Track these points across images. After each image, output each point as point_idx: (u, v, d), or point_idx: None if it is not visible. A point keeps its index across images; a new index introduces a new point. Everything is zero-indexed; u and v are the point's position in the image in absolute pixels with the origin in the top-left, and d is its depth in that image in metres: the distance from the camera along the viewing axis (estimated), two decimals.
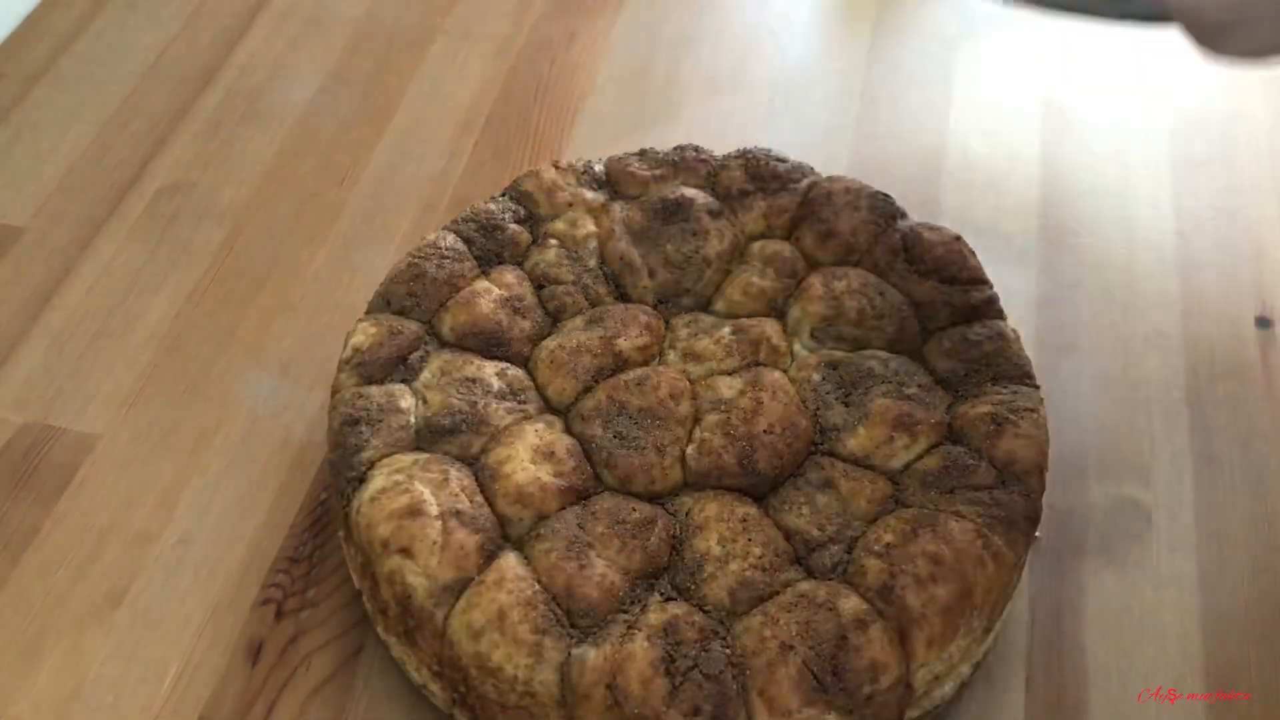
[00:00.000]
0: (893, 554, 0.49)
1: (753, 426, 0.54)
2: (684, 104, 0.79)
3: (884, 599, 0.48)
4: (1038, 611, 0.56)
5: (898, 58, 0.82)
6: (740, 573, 0.49)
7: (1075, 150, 0.76)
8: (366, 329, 0.58)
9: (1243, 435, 0.62)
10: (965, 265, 0.60)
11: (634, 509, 0.52)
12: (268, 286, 0.68)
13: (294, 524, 0.58)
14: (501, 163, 0.75)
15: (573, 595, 0.49)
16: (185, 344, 0.66)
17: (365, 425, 0.54)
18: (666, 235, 0.62)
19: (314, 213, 0.72)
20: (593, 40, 0.83)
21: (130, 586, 0.56)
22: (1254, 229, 0.71)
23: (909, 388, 0.56)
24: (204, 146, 0.76)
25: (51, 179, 0.74)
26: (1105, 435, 0.62)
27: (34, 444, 0.61)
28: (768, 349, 0.58)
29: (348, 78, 0.80)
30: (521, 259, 0.62)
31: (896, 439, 0.54)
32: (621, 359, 0.57)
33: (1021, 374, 0.56)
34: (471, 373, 0.56)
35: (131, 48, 0.82)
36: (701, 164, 0.65)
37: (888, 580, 0.48)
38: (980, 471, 0.52)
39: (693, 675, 0.46)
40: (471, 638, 0.48)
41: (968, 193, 0.73)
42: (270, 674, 0.53)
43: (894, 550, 0.49)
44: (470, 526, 0.50)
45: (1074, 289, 0.69)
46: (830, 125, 0.78)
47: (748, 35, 0.84)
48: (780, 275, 0.61)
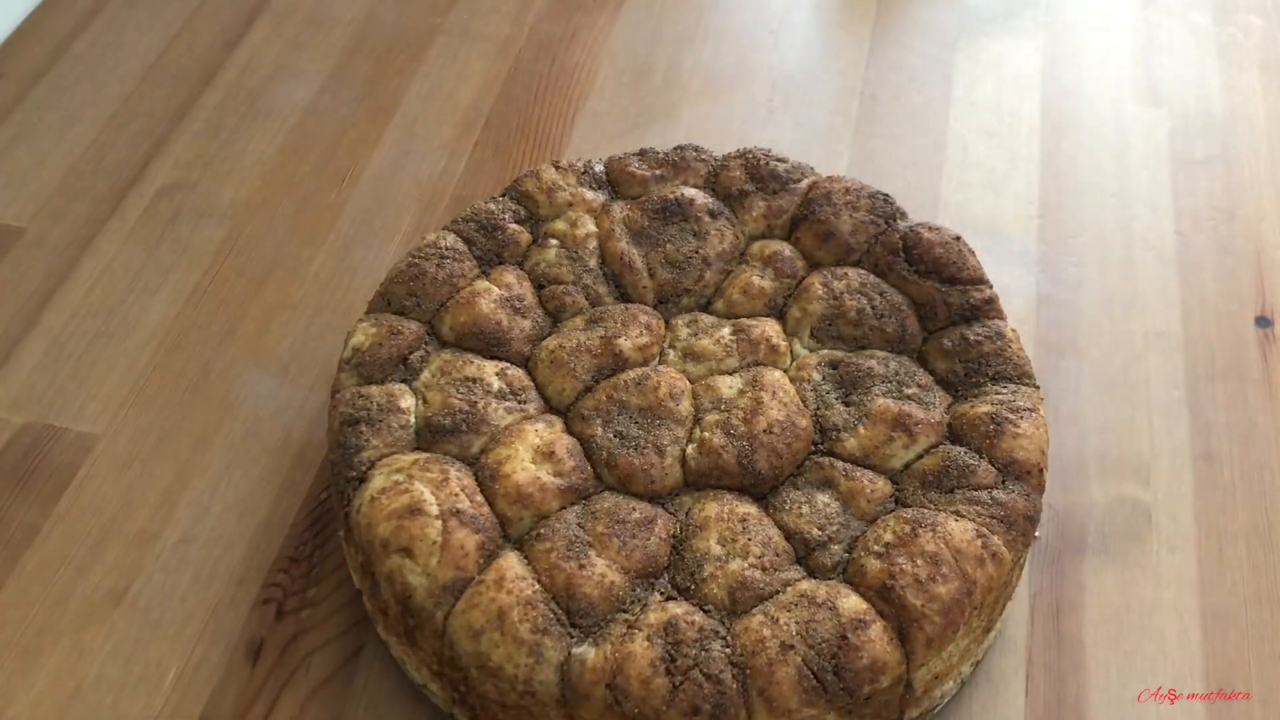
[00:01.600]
0: (893, 554, 0.49)
1: (753, 426, 0.54)
2: (684, 104, 0.79)
3: (884, 599, 0.48)
4: (1037, 611, 0.56)
5: (898, 58, 0.82)
6: (740, 572, 0.49)
7: (1075, 150, 0.76)
8: (366, 329, 0.58)
9: (1243, 435, 0.62)
10: (965, 265, 0.60)
11: (634, 509, 0.52)
12: (268, 286, 0.68)
13: (294, 524, 0.58)
14: (501, 163, 0.75)
15: (573, 595, 0.49)
16: (185, 344, 0.66)
17: (365, 425, 0.54)
18: (666, 235, 0.62)
19: (314, 213, 0.72)
20: (593, 40, 0.83)
21: (130, 586, 0.56)
22: (1254, 229, 0.71)
23: (909, 388, 0.56)
24: (204, 146, 0.76)
25: (52, 179, 0.74)
26: (1105, 435, 0.62)
27: (34, 444, 0.61)
28: (767, 349, 0.58)
29: (348, 78, 0.80)
30: (521, 259, 0.62)
31: (896, 439, 0.54)
32: (621, 359, 0.57)
33: (1021, 374, 0.56)
34: (471, 372, 0.56)
35: (131, 48, 0.82)
36: (701, 164, 0.65)
37: (888, 580, 0.48)
38: (980, 472, 0.52)
39: (693, 675, 0.46)
40: (471, 637, 0.48)
41: (968, 193, 0.73)
42: (270, 674, 0.53)
43: (894, 550, 0.49)
44: (470, 526, 0.50)
45: (1074, 289, 0.69)
46: (830, 125, 0.78)
47: (748, 35, 0.84)
48: (780, 275, 0.61)
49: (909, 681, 0.48)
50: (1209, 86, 0.80)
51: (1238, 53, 0.82)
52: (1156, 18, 0.85)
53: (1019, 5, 0.86)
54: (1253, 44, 0.83)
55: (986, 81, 0.80)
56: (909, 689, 0.49)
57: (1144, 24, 0.84)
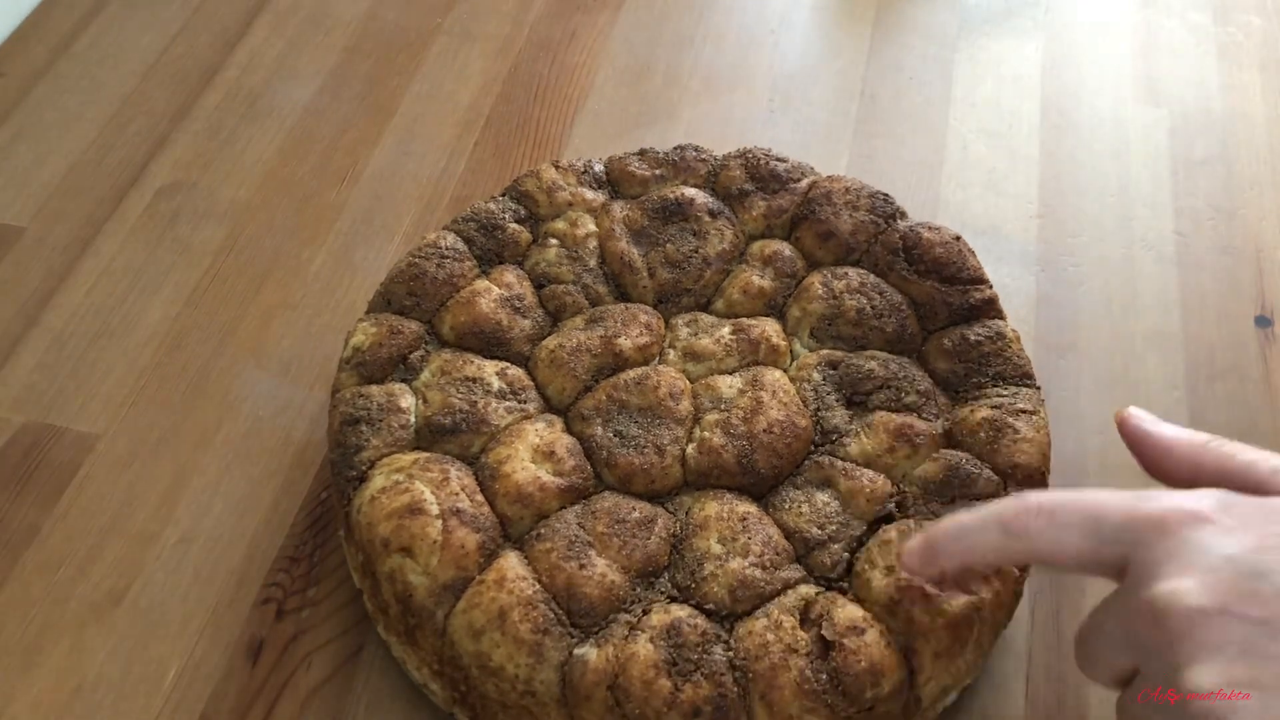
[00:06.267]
0: (896, 571, 0.49)
1: (753, 426, 0.54)
2: (684, 104, 0.79)
3: (891, 614, 0.48)
4: (1038, 612, 0.56)
5: (898, 58, 0.82)
6: (741, 571, 0.49)
7: (1075, 150, 0.76)
8: (367, 328, 0.58)
9: (1242, 435, 0.62)
10: (965, 265, 0.60)
11: (634, 508, 0.52)
12: (268, 286, 0.68)
13: (294, 523, 0.58)
14: (501, 162, 0.75)
15: (573, 595, 0.49)
16: (185, 344, 0.66)
17: (365, 425, 0.54)
18: (666, 235, 0.62)
19: (314, 212, 0.72)
20: (593, 40, 0.83)
21: (131, 586, 0.56)
22: (1254, 229, 0.72)
23: (908, 395, 0.55)
24: (204, 146, 0.76)
25: (52, 179, 0.74)
26: (1105, 435, 0.62)
27: (34, 444, 0.61)
28: (767, 348, 0.58)
29: (348, 78, 0.80)
30: (521, 258, 0.62)
31: (898, 449, 0.54)
32: (621, 358, 0.57)
33: (1022, 374, 0.56)
34: (471, 372, 0.56)
35: (131, 48, 0.82)
36: (701, 164, 0.65)
37: (895, 595, 0.48)
38: (981, 481, 0.52)
39: (694, 678, 0.46)
40: (472, 637, 0.48)
41: (968, 193, 0.73)
42: (270, 674, 0.53)
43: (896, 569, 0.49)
44: (471, 525, 0.50)
45: (1074, 289, 0.69)
46: (830, 125, 0.78)
47: (748, 35, 0.84)
48: (780, 275, 0.61)
49: (918, 696, 0.48)
50: (1209, 86, 0.80)
51: (1238, 52, 0.82)
52: (1156, 18, 0.85)
53: (1019, 5, 0.86)
54: (1253, 44, 0.83)
55: (986, 81, 0.80)
56: (918, 703, 0.48)
57: (1144, 24, 0.84)
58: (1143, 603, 0.40)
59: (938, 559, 0.46)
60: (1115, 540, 0.42)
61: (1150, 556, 0.41)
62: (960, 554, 0.45)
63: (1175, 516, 0.41)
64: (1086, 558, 0.42)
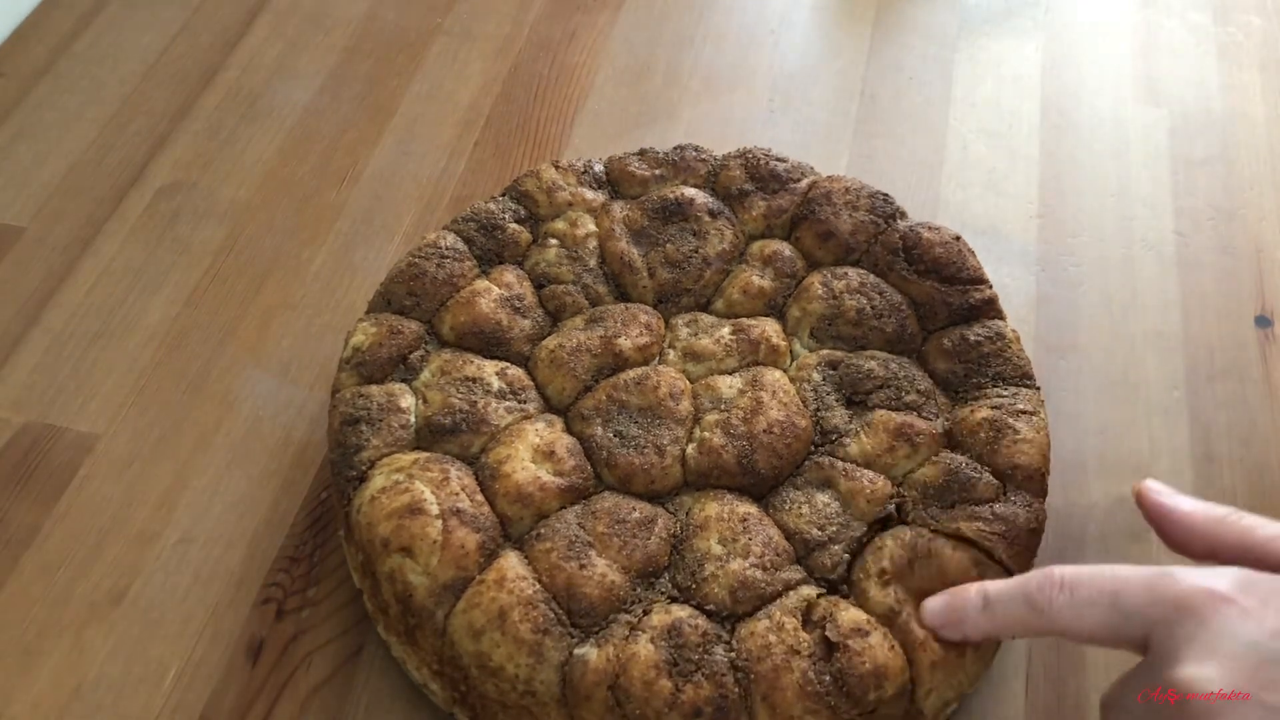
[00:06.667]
0: (893, 586, 0.49)
1: (753, 426, 0.54)
2: (684, 104, 0.79)
3: (889, 624, 0.48)
4: None
5: (898, 58, 0.82)
6: (741, 572, 0.49)
7: (1075, 150, 0.76)
8: (366, 329, 0.58)
9: (1243, 435, 0.62)
10: (965, 265, 0.60)
11: (634, 508, 0.52)
12: (268, 286, 0.68)
13: (294, 523, 0.58)
14: (501, 162, 0.75)
15: (573, 595, 0.49)
16: (185, 344, 0.66)
17: (365, 425, 0.54)
18: (666, 235, 0.62)
19: (314, 212, 0.72)
20: (592, 40, 0.83)
21: (130, 586, 0.56)
22: (1254, 229, 0.71)
23: (908, 394, 0.55)
24: (204, 146, 0.76)
25: (52, 179, 0.74)
26: (1105, 435, 0.62)
27: (34, 444, 0.61)
28: (767, 348, 0.58)
29: (347, 78, 0.80)
30: (521, 258, 0.62)
31: (898, 448, 0.54)
32: (621, 358, 0.57)
33: (1021, 374, 0.56)
34: (471, 372, 0.56)
35: (131, 48, 0.82)
36: (701, 164, 0.65)
37: (894, 606, 0.48)
38: (981, 485, 0.52)
39: (696, 678, 0.46)
40: (472, 637, 0.48)
41: (968, 192, 0.73)
42: (270, 674, 0.53)
43: (893, 584, 0.49)
44: (471, 525, 0.50)
45: (1074, 289, 0.69)
46: (830, 125, 0.78)
47: (748, 35, 0.84)
48: (780, 275, 0.61)
49: (920, 709, 0.48)
50: (1209, 86, 0.80)
51: (1237, 52, 0.82)
52: (1156, 18, 0.85)
53: (1019, 5, 0.86)
54: (1253, 44, 0.83)
55: (986, 81, 0.80)
56: (920, 715, 0.48)
57: (1144, 24, 0.84)
58: (1165, 685, 0.40)
59: (962, 627, 0.47)
60: (1136, 618, 0.42)
61: (1172, 638, 0.41)
62: (985, 625, 0.46)
63: (1197, 597, 0.41)
64: (1106, 635, 0.43)
